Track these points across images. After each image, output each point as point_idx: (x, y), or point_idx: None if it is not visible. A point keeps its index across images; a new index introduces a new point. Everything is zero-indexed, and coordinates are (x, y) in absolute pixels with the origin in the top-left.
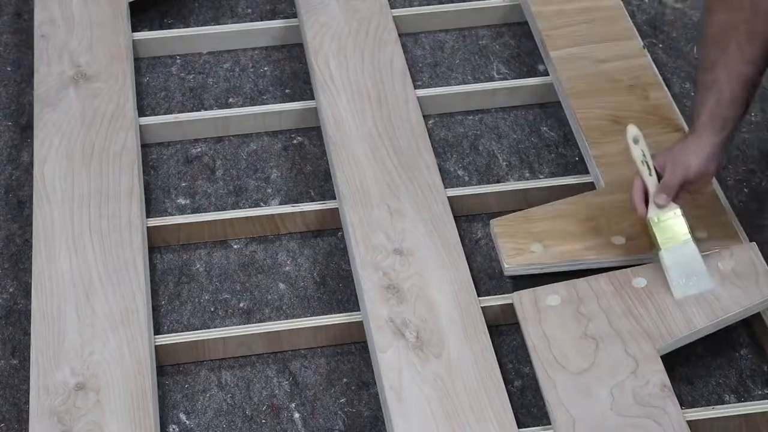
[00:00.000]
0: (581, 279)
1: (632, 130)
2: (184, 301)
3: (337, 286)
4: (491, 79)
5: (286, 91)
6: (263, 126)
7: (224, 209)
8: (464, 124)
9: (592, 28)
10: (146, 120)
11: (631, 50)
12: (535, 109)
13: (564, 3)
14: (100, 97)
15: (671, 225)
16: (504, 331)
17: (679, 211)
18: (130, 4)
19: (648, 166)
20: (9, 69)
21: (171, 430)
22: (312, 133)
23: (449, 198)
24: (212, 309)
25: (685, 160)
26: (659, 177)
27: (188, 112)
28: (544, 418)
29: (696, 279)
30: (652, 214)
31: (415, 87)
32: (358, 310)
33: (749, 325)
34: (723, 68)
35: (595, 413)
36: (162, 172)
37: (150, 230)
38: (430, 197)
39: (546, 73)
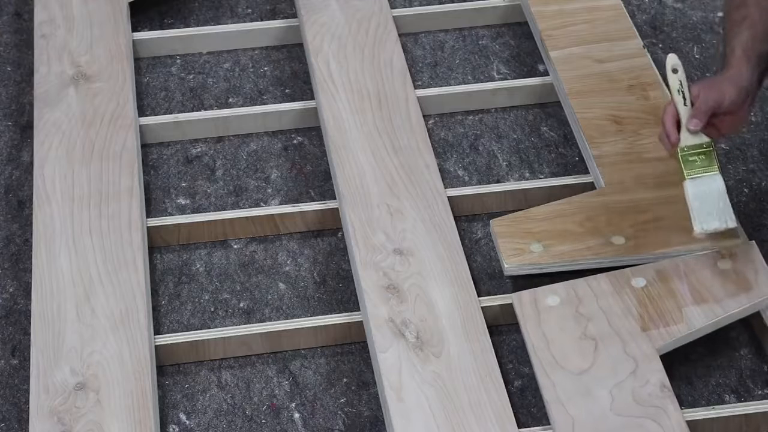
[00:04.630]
0: (580, 279)
1: (672, 59)
2: (184, 301)
3: (337, 286)
4: (491, 79)
5: (286, 91)
6: (263, 126)
7: (224, 209)
8: (464, 124)
9: (592, 28)
10: (146, 120)
11: (631, 50)
12: (535, 109)
13: (564, 3)
14: (100, 97)
15: (699, 155)
16: (504, 331)
17: (710, 143)
18: (130, 4)
19: (684, 96)
20: (9, 69)
21: (171, 430)
22: (312, 133)
23: (449, 198)
24: (212, 309)
25: (719, 87)
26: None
27: (188, 112)
28: (544, 418)
29: (718, 215)
30: (682, 143)
31: (415, 87)
32: (358, 310)
33: (749, 324)
34: (754, 5)
35: (594, 413)
36: (162, 172)
37: (150, 230)
38: (430, 197)
39: (546, 73)
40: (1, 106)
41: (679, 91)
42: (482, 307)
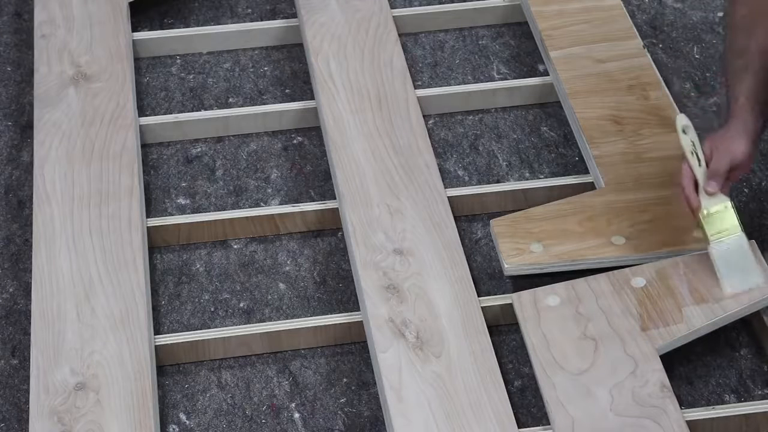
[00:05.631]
0: (580, 279)
1: (682, 120)
2: (184, 301)
3: (337, 286)
4: (491, 79)
5: (286, 91)
6: (263, 126)
7: (224, 209)
8: (464, 124)
9: (592, 28)
10: (146, 120)
11: (631, 50)
12: (535, 109)
13: (564, 3)
14: (100, 97)
15: (721, 217)
16: (504, 331)
17: (729, 204)
18: (130, 4)
19: (698, 156)
20: (9, 69)
21: (171, 430)
22: (312, 133)
23: (449, 198)
24: (212, 309)
25: (730, 144)
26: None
27: (188, 112)
28: (544, 418)
29: (745, 273)
30: (703, 206)
31: (415, 87)
32: (358, 310)
33: (749, 324)
34: (755, 52)
35: (594, 413)
36: (162, 172)
37: (150, 230)
38: (430, 197)
39: (546, 73)
40: (1, 106)
41: (692, 152)
42: (482, 307)
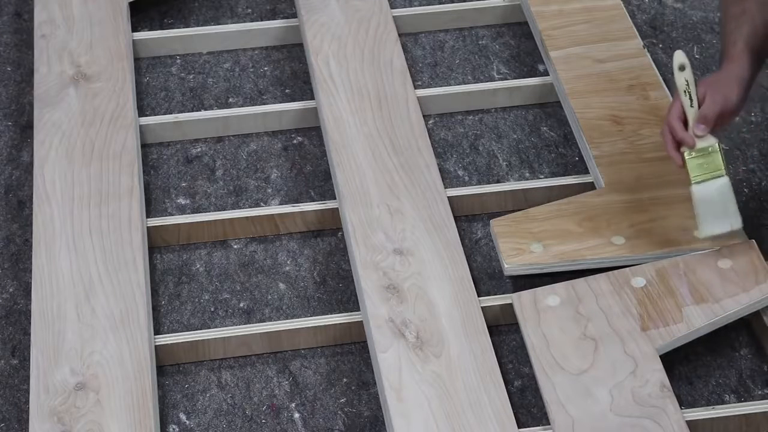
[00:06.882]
0: (580, 279)
1: (679, 57)
2: (184, 301)
3: (337, 286)
4: (491, 79)
5: (286, 91)
6: (263, 126)
7: (224, 209)
8: (464, 124)
9: (592, 28)
10: (146, 120)
11: (631, 50)
12: (535, 109)
13: (564, 3)
14: (100, 97)
15: (706, 158)
16: (504, 331)
17: (716, 145)
18: (130, 4)
19: (690, 96)
20: (9, 69)
21: (171, 430)
22: (312, 133)
23: (449, 198)
24: (212, 309)
25: (725, 90)
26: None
27: (188, 112)
28: (544, 418)
29: (725, 218)
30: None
31: (415, 87)
32: (358, 310)
33: (749, 324)
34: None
35: (594, 413)
36: (162, 172)
37: (150, 230)
38: (430, 197)
39: (546, 73)
40: (1, 106)
41: (685, 91)
42: (482, 307)
